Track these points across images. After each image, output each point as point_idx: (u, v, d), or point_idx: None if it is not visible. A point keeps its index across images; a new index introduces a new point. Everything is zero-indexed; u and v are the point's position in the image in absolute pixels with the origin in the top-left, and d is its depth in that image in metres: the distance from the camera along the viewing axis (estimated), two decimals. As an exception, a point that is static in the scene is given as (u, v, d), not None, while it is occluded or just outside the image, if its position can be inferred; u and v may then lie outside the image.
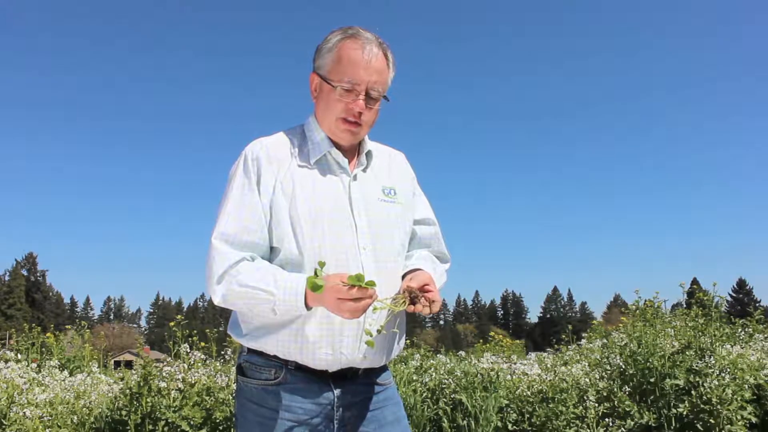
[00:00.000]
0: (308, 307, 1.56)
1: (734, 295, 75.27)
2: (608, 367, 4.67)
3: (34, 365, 5.22)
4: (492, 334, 8.01)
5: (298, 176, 1.69)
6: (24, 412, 4.01)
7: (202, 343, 5.11)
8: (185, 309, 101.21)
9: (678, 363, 4.22)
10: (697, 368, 4.13)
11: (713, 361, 4.13)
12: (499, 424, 4.55)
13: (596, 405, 4.20)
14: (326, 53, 1.71)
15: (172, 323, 4.84)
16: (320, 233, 1.63)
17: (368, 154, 1.79)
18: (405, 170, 1.91)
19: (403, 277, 1.72)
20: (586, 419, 4.19)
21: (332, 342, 1.64)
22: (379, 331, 1.55)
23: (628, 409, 4.17)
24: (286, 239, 1.64)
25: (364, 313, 1.51)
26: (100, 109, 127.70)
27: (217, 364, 4.96)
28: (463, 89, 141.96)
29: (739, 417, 3.92)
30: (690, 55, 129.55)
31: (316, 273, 1.50)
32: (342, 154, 1.74)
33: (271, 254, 1.68)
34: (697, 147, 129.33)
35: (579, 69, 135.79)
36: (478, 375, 4.87)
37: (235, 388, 1.82)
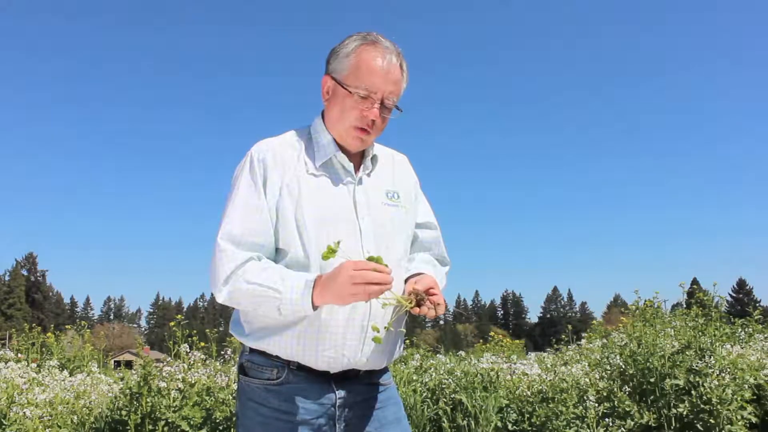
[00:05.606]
0: (314, 307, 1.55)
1: (734, 295, 75.36)
2: (608, 367, 4.67)
3: (34, 365, 5.22)
4: (492, 334, 8.01)
5: (304, 179, 1.68)
6: (24, 412, 4.01)
7: (202, 343, 5.11)
8: (185, 309, 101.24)
9: (678, 363, 4.22)
10: (697, 368, 4.13)
11: (713, 361, 4.13)
12: (499, 424, 4.56)
13: (596, 405, 4.20)
14: (344, 58, 1.69)
15: (172, 323, 4.85)
16: (325, 237, 1.62)
17: (373, 158, 1.79)
18: (408, 174, 1.91)
19: (406, 280, 1.72)
20: (586, 419, 4.18)
21: (335, 344, 1.64)
22: (386, 328, 1.55)
23: (628, 409, 4.17)
24: (291, 242, 1.64)
25: (379, 295, 1.49)
26: (100, 108, 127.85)
27: (217, 364, 4.97)
28: (465, 87, 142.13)
29: (739, 417, 3.92)
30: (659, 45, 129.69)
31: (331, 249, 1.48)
32: (347, 158, 1.73)
33: (277, 256, 1.68)
34: (697, 147, 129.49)
35: (585, 74, 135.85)
36: (478, 375, 4.87)
37: (236, 387, 1.81)
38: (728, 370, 4.13)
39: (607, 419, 4.22)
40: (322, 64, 1.77)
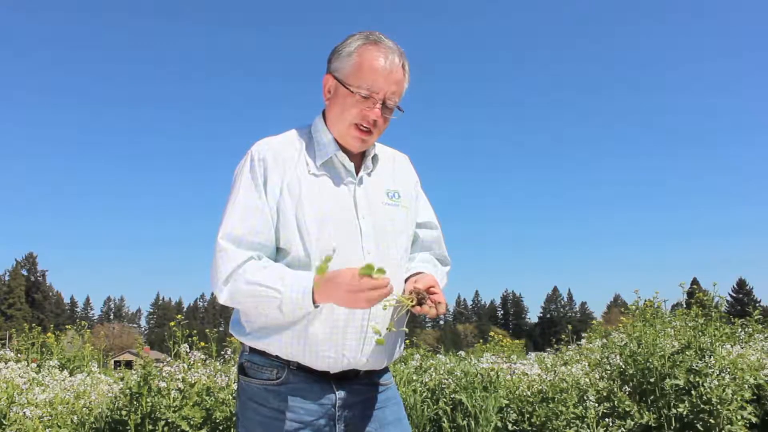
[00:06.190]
0: (315, 305, 1.55)
1: (734, 295, 75.37)
2: (608, 367, 4.67)
3: (34, 365, 5.23)
4: (492, 334, 8.01)
5: (305, 178, 1.68)
6: (24, 412, 4.01)
7: (202, 343, 5.11)
8: (185, 309, 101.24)
9: (678, 363, 4.22)
10: (697, 368, 4.13)
11: (713, 361, 4.13)
12: (499, 424, 4.55)
13: (596, 405, 4.20)
14: (345, 57, 1.69)
15: (172, 323, 4.85)
16: (326, 236, 1.63)
17: (374, 158, 1.79)
18: (409, 173, 1.91)
19: (407, 280, 1.72)
20: (586, 419, 4.18)
21: (335, 344, 1.64)
22: (389, 329, 1.55)
23: (628, 409, 4.17)
24: (292, 241, 1.64)
25: (378, 303, 1.49)
26: (100, 108, 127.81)
27: (217, 364, 4.97)
28: (464, 87, 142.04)
29: (739, 417, 3.92)
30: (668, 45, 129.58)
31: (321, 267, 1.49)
32: (348, 158, 1.73)
33: (278, 255, 1.68)
34: (697, 147, 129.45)
35: (586, 74, 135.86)
36: (478, 375, 4.87)
37: (236, 387, 1.81)
38: (728, 370, 4.13)
39: (607, 419, 4.22)
40: (324, 63, 1.77)
